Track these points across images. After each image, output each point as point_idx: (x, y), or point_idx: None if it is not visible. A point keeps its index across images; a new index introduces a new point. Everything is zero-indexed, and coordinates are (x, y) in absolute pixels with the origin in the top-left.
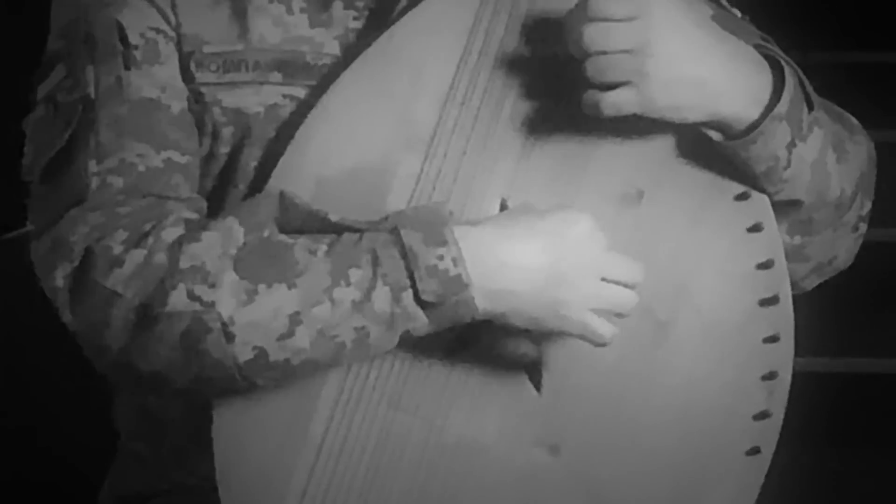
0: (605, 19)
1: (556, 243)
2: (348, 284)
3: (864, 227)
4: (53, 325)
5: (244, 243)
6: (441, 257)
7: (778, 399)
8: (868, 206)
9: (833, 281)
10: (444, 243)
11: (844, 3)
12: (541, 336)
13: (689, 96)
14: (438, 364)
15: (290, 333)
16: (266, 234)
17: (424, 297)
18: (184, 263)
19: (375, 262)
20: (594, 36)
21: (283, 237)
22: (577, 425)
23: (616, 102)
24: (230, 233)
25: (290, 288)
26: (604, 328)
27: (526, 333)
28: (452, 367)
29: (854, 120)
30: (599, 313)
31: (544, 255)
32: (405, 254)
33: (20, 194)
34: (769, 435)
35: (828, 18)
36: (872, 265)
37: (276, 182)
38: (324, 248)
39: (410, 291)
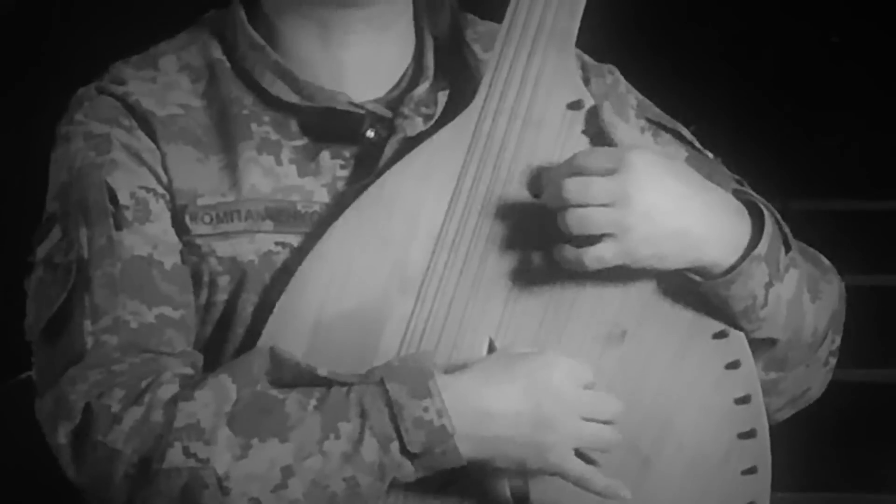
0: (585, 174)
1: (536, 387)
2: (338, 437)
3: (833, 360)
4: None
5: (237, 399)
6: (426, 409)
7: None
8: (838, 341)
9: (804, 418)
10: (428, 395)
11: (823, 152)
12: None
13: (671, 246)
14: (431, 498)
15: (283, 485)
16: (258, 388)
17: (411, 448)
18: (179, 421)
19: (363, 415)
20: (574, 189)
21: (274, 391)
22: None
23: (600, 256)
24: (223, 390)
25: (282, 441)
26: (582, 469)
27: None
28: (445, 501)
29: (825, 260)
30: (584, 450)
31: (525, 399)
32: (391, 406)
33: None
34: None
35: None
36: (846, 403)
37: (273, 326)
38: (314, 402)
39: (397, 443)
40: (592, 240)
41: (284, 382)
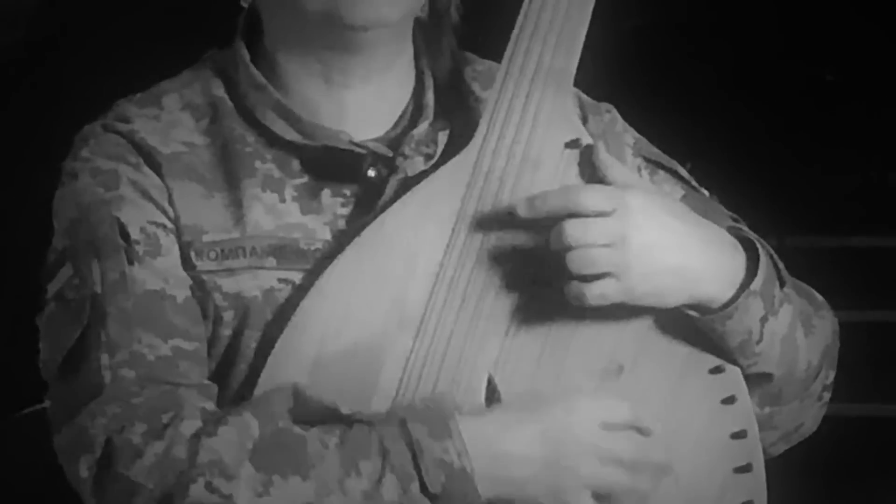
0: (584, 215)
1: (554, 430)
2: (359, 475)
3: (827, 395)
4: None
5: (260, 435)
6: (446, 450)
7: None
8: (832, 375)
9: (799, 453)
10: (448, 436)
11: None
12: None
13: (669, 284)
14: None
15: None
16: (281, 424)
17: (431, 488)
18: (202, 457)
19: (384, 454)
20: (574, 231)
21: (296, 429)
22: None
23: (601, 294)
24: (246, 426)
25: (304, 479)
26: None
27: None
28: None
29: (819, 296)
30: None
31: (543, 442)
32: (412, 446)
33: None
34: None
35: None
36: (840, 438)
37: (274, 361)
38: (335, 440)
39: (417, 483)
40: (592, 277)
41: (307, 420)
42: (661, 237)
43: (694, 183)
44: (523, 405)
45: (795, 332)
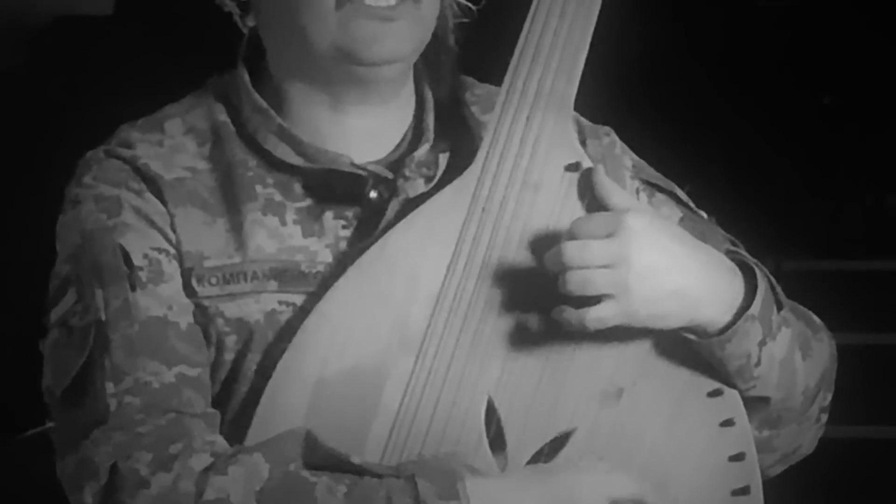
0: (584, 238)
1: (560, 498)
2: None
3: (825, 417)
4: None
5: (268, 478)
6: None
7: None
8: (829, 398)
9: (796, 474)
10: (456, 498)
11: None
12: None
13: (670, 306)
14: None
15: None
16: (291, 468)
17: None
18: (209, 494)
19: None
20: (574, 252)
21: (305, 474)
22: None
23: (601, 317)
24: (256, 468)
25: None
26: None
27: None
28: None
29: (817, 319)
30: None
31: None
32: None
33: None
34: None
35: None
36: (837, 460)
37: (276, 383)
38: (343, 488)
39: None
40: (592, 300)
41: (316, 465)
42: (662, 259)
43: (692, 206)
44: (534, 472)
45: (793, 355)
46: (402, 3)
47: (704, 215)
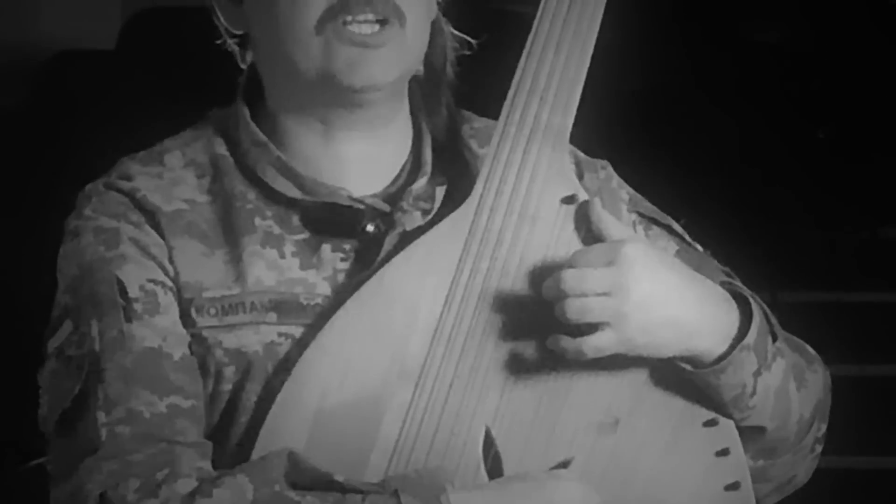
0: (583, 267)
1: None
2: None
3: (819, 447)
4: None
5: (254, 500)
6: None
7: None
8: (823, 428)
9: None
10: None
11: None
12: None
13: (666, 335)
14: None
15: None
16: (276, 488)
17: None
18: None
19: None
20: (572, 280)
21: (290, 493)
22: None
23: (598, 346)
24: (241, 490)
25: None
26: None
27: None
28: None
29: (811, 350)
30: None
31: None
32: None
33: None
34: None
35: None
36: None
37: (276, 415)
38: None
39: None
40: (588, 329)
41: (301, 486)
42: (659, 289)
43: (688, 238)
44: (516, 484)
45: (788, 385)
46: (385, 29)
47: (700, 248)
